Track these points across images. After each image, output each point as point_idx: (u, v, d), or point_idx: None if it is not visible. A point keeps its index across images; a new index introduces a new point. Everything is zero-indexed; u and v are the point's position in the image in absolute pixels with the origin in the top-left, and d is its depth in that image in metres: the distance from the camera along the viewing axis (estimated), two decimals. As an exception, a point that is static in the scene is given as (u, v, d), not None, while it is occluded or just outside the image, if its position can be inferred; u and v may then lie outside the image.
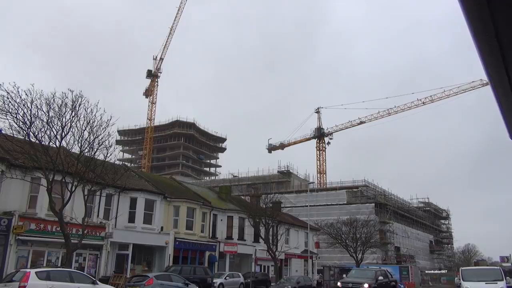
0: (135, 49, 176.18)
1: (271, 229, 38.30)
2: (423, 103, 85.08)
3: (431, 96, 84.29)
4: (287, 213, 56.62)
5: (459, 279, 23.67)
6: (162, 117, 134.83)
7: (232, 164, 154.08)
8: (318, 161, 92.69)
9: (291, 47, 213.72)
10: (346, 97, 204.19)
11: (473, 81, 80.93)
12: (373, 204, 66.00)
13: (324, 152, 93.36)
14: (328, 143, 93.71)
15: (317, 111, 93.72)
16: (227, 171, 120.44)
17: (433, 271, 73.13)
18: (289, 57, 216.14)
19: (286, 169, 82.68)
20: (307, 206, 53.21)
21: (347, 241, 46.82)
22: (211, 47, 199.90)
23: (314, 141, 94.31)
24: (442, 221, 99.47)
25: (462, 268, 26.50)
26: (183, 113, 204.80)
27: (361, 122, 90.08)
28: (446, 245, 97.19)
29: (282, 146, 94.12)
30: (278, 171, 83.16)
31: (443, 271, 74.78)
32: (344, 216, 54.88)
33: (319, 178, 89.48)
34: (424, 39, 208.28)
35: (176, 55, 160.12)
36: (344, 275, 32.71)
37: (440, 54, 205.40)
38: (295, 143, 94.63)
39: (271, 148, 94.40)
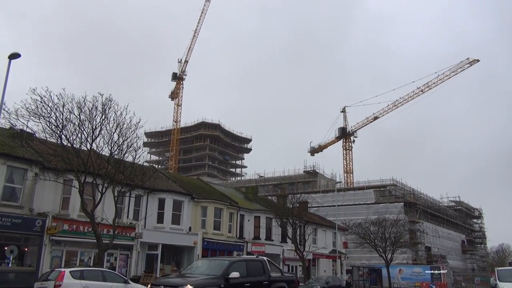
0: (161, 51, 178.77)
1: (298, 229, 38.12)
2: (422, 91, 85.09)
3: (427, 82, 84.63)
4: (314, 213, 56.26)
5: (495, 280, 22.96)
6: (187, 118, 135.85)
7: (257, 162, 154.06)
8: (344, 161, 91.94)
9: (322, 36, 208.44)
10: (380, 88, 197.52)
11: (461, 61, 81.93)
12: (402, 203, 64.84)
13: (350, 152, 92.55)
14: (353, 141, 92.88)
15: (343, 111, 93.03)
16: (252, 171, 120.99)
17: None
18: (320, 46, 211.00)
19: (312, 169, 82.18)
20: (334, 206, 52.77)
21: (375, 241, 46.10)
22: (237, 38, 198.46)
23: (340, 140, 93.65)
24: (475, 220, 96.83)
25: (498, 268, 25.64)
26: (208, 111, 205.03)
27: (375, 118, 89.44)
28: (479, 245, 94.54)
29: (320, 148, 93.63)
30: (304, 171, 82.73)
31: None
32: (372, 215, 54.08)
33: (346, 178, 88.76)
34: (466, 21, 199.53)
35: (201, 48, 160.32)
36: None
37: (483, 37, 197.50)
38: (330, 144, 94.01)
39: (313, 151, 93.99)
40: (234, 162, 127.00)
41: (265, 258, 15.21)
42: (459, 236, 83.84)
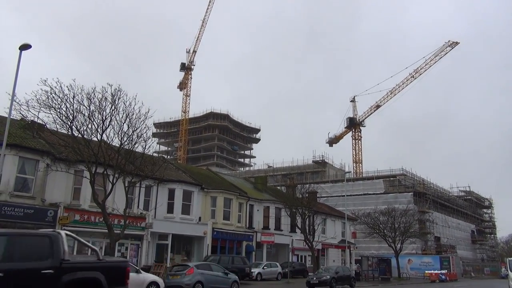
0: (169, 41, 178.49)
1: (307, 219, 38.16)
2: (413, 77, 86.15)
3: (417, 68, 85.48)
4: (323, 203, 56.23)
5: (507, 270, 22.86)
6: (196, 108, 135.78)
7: (266, 152, 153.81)
8: (354, 150, 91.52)
9: (335, 18, 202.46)
10: (395, 71, 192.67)
11: (442, 44, 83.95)
12: (412, 193, 64.58)
13: (359, 141, 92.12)
14: (360, 130, 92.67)
15: (353, 100, 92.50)
16: (261, 162, 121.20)
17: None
18: (333, 28, 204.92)
19: (321, 158, 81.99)
20: (343, 196, 52.67)
21: (385, 231, 46.05)
22: (246, 22, 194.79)
23: (349, 130, 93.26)
24: (484, 210, 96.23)
25: (509, 258, 25.52)
26: (216, 101, 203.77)
27: (378, 106, 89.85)
28: (488, 235, 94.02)
29: (337, 138, 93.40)
30: (313, 161, 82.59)
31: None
32: (382, 205, 53.95)
33: (355, 168, 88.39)
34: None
35: (210, 36, 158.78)
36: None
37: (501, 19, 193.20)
38: (344, 133, 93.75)
39: (331, 142, 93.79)
40: (243, 152, 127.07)
41: (64, 233, 9.28)
42: (469, 226, 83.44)
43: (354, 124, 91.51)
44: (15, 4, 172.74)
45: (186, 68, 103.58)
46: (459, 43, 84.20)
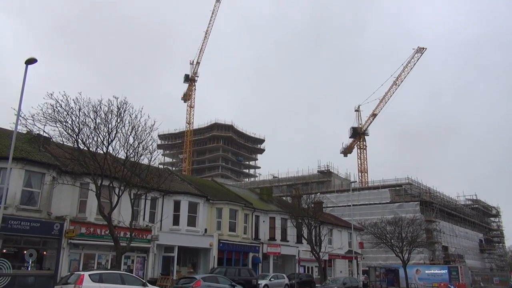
0: (172, 52, 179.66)
1: (313, 229, 37.91)
2: (395, 83, 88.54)
3: (399, 74, 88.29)
4: (329, 213, 55.93)
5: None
6: (200, 117, 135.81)
7: (271, 163, 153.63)
8: (359, 160, 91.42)
9: (340, 20, 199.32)
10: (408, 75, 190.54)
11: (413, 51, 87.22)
12: (418, 202, 64.12)
13: (364, 151, 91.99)
14: (364, 139, 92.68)
15: (357, 110, 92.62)
16: (266, 172, 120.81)
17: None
18: (338, 31, 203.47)
19: (326, 168, 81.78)
20: (349, 205, 52.39)
21: (392, 240, 45.67)
22: (250, 26, 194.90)
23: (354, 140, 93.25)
24: (492, 219, 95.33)
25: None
26: (220, 111, 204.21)
27: (374, 115, 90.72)
28: (497, 244, 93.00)
29: (349, 149, 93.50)
30: (318, 171, 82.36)
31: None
32: (388, 215, 53.60)
33: (360, 177, 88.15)
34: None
35: (213, 45, 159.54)
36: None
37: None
38: (354, 143, 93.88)
39: (346, 151, 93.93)
40: (247, 163, 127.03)
41: None
42: (477, 235, 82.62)
43: (358, 134, 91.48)
44: (16, 11, 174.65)
45: (190, 79, 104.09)
46: (426, 48, 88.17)
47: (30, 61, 18.56)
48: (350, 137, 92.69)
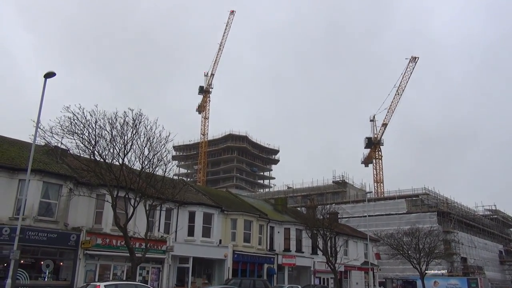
0: (187, 64, 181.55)
1: (329, 240, 37.58)
2: (397, 93, 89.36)
3: (400, 84, 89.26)
4: (344, 224, 55.42)
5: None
6: (214, 126, 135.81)
7: (285, 173, 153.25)
8: (374, 170, 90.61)
9: (359, 26, 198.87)
10: (425, 82, 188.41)
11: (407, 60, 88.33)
12: (435, 212, 63.11)
13: (380, 161, 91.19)
14: (380, 149, 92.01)
15: (372, 120, 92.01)
16: (281, 183, 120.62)
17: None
18: (355, 39, 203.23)
19: (341, 179, 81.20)
20: (365, 216, 51.88)
21: (409, 252, 44.97)
22: (264, 35, 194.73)
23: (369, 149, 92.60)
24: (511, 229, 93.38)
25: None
26: (235, 122, 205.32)
27: (384, 125, 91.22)
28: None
29: (369, 158, 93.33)
30: (333, 181, 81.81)
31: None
32: (405, 226, 52.83)
33: (376, 187, 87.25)
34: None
35: (229, 47, 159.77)
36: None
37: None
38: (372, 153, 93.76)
39: (366, 162, 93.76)
40: (262, 173, 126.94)
41: None
42: (496, 246, 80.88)
43: (373, 144, 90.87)
44: (28, 22, 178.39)
45: (205, 91, 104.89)
46: (418, 57, 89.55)
47: (49, 75, 19.00)
48: (365, 148, 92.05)
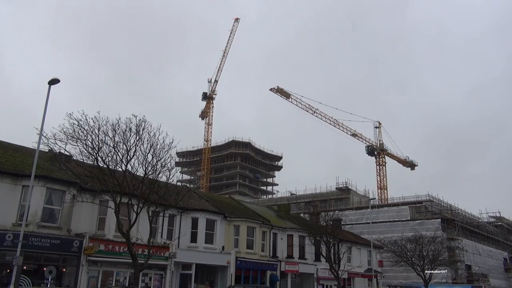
0: (192, 70, 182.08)
1: (332, 247, 37.43)
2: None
3: None
4: (348, 231, 55.21)
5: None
6: (217, 136, 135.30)
7: (288, 180, 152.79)
8: (378, 176, 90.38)
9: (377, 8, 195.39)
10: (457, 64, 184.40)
11: None
12: (439, 219, 62.77)
13: (384, 167, 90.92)
14: (383, 156, 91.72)
15: (378, 126, 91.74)
16: (284, 189, 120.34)
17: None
18: (377, 14, 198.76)
19: (344, 185, 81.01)
20: (368, 223, 51.67)
21: (413, 259, 44.73)
22: (278, 9, 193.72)
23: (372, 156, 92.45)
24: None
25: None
26: (237, 128, 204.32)
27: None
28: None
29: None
30: (336, 188, 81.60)
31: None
32: (408, 232, 52.58)
33: (379, 194, 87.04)
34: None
35: (232, 57, 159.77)
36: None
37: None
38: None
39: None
40: (265, 180, 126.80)
41: None
42: (501, 253, 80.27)
43: (375, 151, 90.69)
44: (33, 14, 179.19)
45: (208, 97, 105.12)
46: None
47: (53, 82, 19.13)
48: (367, 153, 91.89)
